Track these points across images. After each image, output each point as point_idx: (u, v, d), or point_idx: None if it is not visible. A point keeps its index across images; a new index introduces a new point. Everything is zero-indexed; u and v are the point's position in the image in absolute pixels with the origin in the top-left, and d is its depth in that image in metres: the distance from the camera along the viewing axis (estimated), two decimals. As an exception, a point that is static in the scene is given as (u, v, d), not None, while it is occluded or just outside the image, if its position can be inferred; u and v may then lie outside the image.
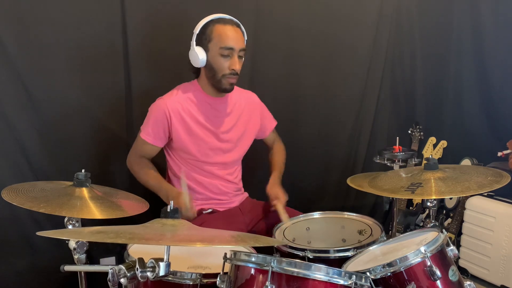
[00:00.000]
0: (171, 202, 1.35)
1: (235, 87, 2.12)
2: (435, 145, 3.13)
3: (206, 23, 2.00)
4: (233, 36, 2.00)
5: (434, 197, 1.67)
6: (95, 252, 2.39)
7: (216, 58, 2.00)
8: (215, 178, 2.15)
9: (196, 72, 2.13)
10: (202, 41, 2.00)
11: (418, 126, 3.18)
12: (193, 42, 2.01)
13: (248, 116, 2.24)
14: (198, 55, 2.00)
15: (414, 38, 3.18)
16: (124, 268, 1.23)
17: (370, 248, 1.68)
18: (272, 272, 1.29)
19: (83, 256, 1.53)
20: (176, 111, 2.04)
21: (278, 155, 2.38)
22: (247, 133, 2.24)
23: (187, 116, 2.06)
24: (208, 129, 2.10)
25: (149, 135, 2.06)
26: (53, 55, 2.22)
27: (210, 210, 2.13)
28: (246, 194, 2.31)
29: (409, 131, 3.21)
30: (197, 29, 2.01)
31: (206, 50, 2.01)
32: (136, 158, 2.14)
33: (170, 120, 2.04)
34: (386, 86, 3.18)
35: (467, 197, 2.69)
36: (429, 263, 1.38)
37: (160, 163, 2.22)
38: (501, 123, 2.90)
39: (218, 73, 2.02)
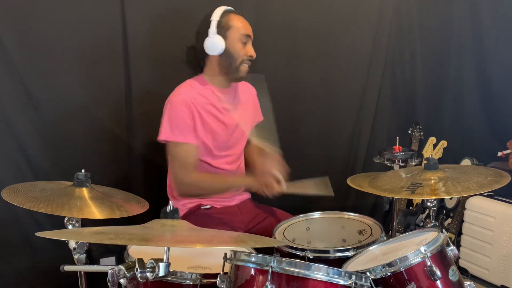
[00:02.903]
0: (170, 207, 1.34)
1: None
2: (435, 145, 3.13)
3: (222, 12, 2.02)
4: (248, 25, 2.07)
5: (434, 197, 1.67)
6: (95, 252, 2.39)
7: (236, 45, 2.03)
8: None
9: (199, 67, 2.11)
10: (220, 29, 2.01)
11: (418, 126, 3.18)
12: (213, 29, 1.99)
13: (250, 108, 2.25)
14: (219, 42, 2.00)
15: (414, 38, 3.18)
16: (123, 268, 1.23)
17: (370, 248, 1.68)
18: (272, 272, 1.29)
19: (83, 256, 1.53)
20: (195, 106, 2.01)
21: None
22: (249, 123, 2.25)
23: (202, 109, 2.04)
24: (220, 121, 2.09)
25: (189, 134, 1.97)
26: (53, 55, 2.22)
27: (208, 206, 2.13)
28: (247, 195, 2.31)
29: (409, 131, 3.21)
30: (215, 17, 2.01)
31: (225, 37, 2.01)
32: (190, 175, 1.97)
33: (193, 116, 2.00)
34: (386, 86, 3.18)
35: (467, 197, 2.69)
36: (429, 263, 1.38)
37: (158, 161, 2.21)
38: (501, 123, 2.91)
39: (237, 60, 2.04)
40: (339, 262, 1.63)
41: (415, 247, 1.43)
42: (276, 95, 2.77)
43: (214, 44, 2.00)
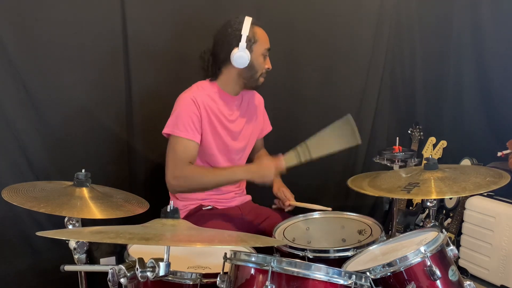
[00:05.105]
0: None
1: None
2: (435, 145, 3.13)
3: (250, 25, 2.02)
4: (268, 38, 2.09)
5: (428, 197, 1.67)
6: (96, 252, 2.39)
7: (259, 59, 2.06)
8: None
9: (214, 72, 2.11)
10: (247, 42, 2.01)
11: (418, 126, 3.18)
12: (243, 44, 1.99)
13: (256, 116, 2.27)
14: (247, 57, 2.00)
15: (414, 38, 3.18)
16: (124, 268, 1.24)
17: (370, 248, 1.68)
18: (272, 272, 1.29)
19: (83, 256, 1.54)
20: (203, 106, 2.03)
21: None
22: (255, 132, 2.26)
23: (210, 112, 2.05)
24: (226, 127, 2.11)
25: (192, 131, 1.99)
26: (53, 55, 2.22)
27: (210, 207, 2.14)
28: (248, 197, 2.31)
29: (409, 131, 3.21)
30: (246, 31, 2.00)
31: (250, 51, 2.02)
32: (183, 168, 1.96)
33: (200, 114, 2.02)
34: (386, 86, 3.19)
35: (467, 197, 2.69)
36: (429, 263, 1.38)
37: (158, 161, 2.20)
38: (501, 123, 2.90)
39: (258, 72, 2.07)
40: (339, 262, 1.63)
41: (415, 247, 1.43)
42: (277, 94, 2.78)
43: (242, 58, 2.00)
